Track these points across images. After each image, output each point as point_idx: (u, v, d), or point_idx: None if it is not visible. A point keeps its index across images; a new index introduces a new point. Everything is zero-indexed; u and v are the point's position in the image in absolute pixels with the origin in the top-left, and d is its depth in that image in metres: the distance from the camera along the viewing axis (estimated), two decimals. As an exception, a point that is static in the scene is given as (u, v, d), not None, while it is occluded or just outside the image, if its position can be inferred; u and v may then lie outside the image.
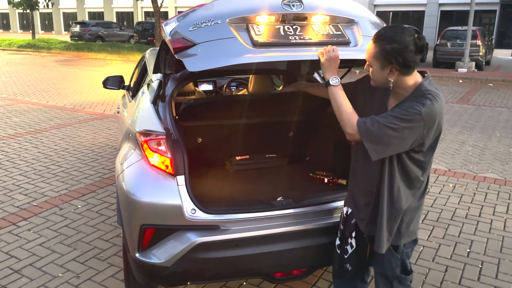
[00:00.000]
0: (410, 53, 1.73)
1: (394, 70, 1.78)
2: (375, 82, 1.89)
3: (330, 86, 1.96)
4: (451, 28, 17.25)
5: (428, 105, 1.75)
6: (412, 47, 1.73)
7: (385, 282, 2.10)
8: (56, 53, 21.82)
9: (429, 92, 1.79)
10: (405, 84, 1.83)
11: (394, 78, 1.80)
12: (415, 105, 1.76)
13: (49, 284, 2.94)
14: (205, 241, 2.25)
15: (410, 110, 1.76)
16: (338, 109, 1.93)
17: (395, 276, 2.05)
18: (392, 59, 1.75)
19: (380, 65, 1.79)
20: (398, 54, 1.73)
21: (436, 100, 1.78)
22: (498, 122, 7.92)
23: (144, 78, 3.64)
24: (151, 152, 2.38)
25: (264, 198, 2.56)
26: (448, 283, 3.02)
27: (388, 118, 1.78)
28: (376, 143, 1.81)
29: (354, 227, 2.13)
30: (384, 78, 1.82)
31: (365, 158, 1.90)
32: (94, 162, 5.41)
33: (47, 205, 4.16)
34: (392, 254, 2.01)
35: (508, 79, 13.23)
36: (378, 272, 2.12)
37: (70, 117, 7.96)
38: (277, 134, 3.42)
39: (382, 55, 1.76)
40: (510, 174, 5.22)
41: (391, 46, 1.74)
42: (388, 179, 1.91)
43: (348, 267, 2.17)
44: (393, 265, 2.03)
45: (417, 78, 1.84)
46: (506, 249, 3.48)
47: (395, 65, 1.76)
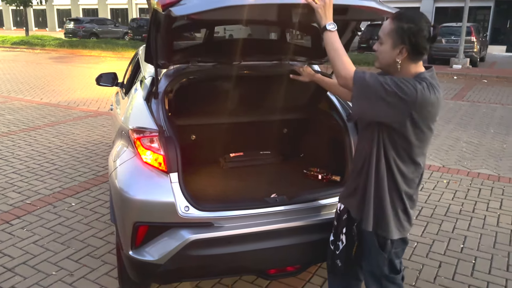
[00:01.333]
0: (423, 38, 1.77)
1: (404, 51, 1.79)
2: (381, 63, 1.89)
3: (327, 32, 1.94)
4: (446, 25, 17.29)
5: (426, 89, 1.76)
6: (426, 33, 1.77)
7: (373, 279, 2.09)
8: (50, 50, 21.69)
9: (429, 80, 1.80)
10: (407, 72, 1.84)
11: (401, 60, 1.81)
12: (415, 82, 1.77)
13: (43, 282, 2.93)
14: (199, 238, 2.24)
15: (409, 82, 1.76)
16: (334, 53, 1.92)
17: (382, 275, 2.04)
18: (406, 38, 1.77)
19: (392, 43, 1.80)
20: (413, 35, 1.76)
21: (433, 90, 1.78)
22: (493, 119, 7.95)
23: (137, 75, 3.62)
24: (144, 149, 2.37)
25: (258, 195, 2.56)
26: (441, 278, 3.03)
27: (386, 79, 1.78)
28: (364, 96, 1.82)
29: (345, 223, 2.13)
30: (392, 58, 1.82)
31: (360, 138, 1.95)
32: (88, 159, 5.39)
33: (41, 203, 4.14)
34: (379, 253, 2.00)
35: (502, 75, 13.28)
36: (366, 270, 2.12)
37: (64, 114, 7.92)
38: (271, 131, 3.42)
39: (398, 32, 1.78)
40: (503, 170, 5.24)
41: (408, 26, 1.76)
42: (376, 157, 1.91)
43: (339, 263, 2.17)
44: (380, 264, 2.02)
45: (419, 70, 1.85)
46: (499, 244, 3.50)
47: (407, 46, 1.78)
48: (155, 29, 2.44)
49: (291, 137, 3.53)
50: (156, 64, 2.63)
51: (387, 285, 2.06)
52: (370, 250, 2.03)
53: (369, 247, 2.03)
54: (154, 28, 2.44)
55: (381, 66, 1.91)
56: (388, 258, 2.00)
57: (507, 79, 12.97)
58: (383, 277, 2.04)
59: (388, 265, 2.02)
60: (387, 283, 2.06)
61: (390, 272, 2.03)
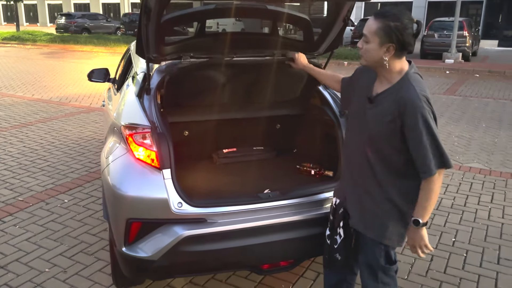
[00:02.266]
0: (409, 35, 1.80)
1: (391, 49, 1.82)
2: (368, 61, 1.90)
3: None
4: (438, 19, 17.33)
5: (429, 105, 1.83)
6: (411, 30, 1.80)
7: (369, 271, 2.11)
8: (41, 46, 21.49)
9: (425, 93, 1.84)
10: (393, 68, 1.87)
11: (389, 58, 1.83)
12: (427, 107, 1.82)
13: (36, 279, 2.92)
14: (192, 234, 2.25)
15: (431, 110, 1.83)
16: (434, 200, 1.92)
17: (379, 266, 2.07)
18: (393, 36, 1.79)
19: (379, 41, 1.82)
20: (399, 33, 1.78)
21: (429, 103, 1.84)
22: (484, 113, 8.01)
23: (129, 70, 3.60)
24: (136, 145, 2.37)
25: (251, 191, 2.57)
26: (433, 272, 3.06)
27: (428, 121, 1.82)
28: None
29: (342, 216, 2.15)
30: (379, 56, 1.84)
31: (357, 147, 1.99)
32: (80, 156, 5.37)
33: (33, 199, 4.12)
34: (376, 244, 2.03)
35: (494, 70, 13.37)
36: (363, 262, 2.14)
37: (56, 110, 7.87)
38: (264, 127, 3.42)
39: (385, 31, 1.79)
40: (495, 164, 5.29)
41: (395, 24, 1.78)
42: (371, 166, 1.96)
43: (338, 256, 2.20)
44: (377, 255, 2.05)
45: (403, 66, 1.89)
46: (490, 238, 3.54)
47: (395, 44, 1.80)
48: (146, 17, 2.37)
49: (284, 132, 3.53)
50: (147, 58, 2.61)
51: (383, 277, 2.09)
52: (367, 242, 2.06)
53: (366, 239, 2.06)
54: (145, 16, 2.37)
55: (368, 63, 1.93)
56: (384, 249, 2.04)
57: (499, 74, 13.06)
58: (379, 269, 2.07)
59: (385, 256, 2.05)
60: (382, 275, 2.09)
61: (386, 262, 2.06)
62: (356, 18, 23.40)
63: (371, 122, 1.94)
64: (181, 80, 2.82)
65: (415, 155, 1.84)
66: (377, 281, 2.10)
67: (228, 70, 2.88)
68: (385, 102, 1.89)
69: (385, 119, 1.87)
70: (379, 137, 1.91)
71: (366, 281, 2.15)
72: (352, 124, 2.10)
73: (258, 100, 3.23)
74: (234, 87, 3.05)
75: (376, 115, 1.91)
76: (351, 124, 2.12)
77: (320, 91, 3.14)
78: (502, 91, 10.29)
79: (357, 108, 2.04)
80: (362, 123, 1.99)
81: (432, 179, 1.83)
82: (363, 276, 2.16)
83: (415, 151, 1.83)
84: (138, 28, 2.46)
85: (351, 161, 2.09)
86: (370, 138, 1.95)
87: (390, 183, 1.94)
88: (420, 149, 1.81)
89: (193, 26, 3.18)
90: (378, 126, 1.90)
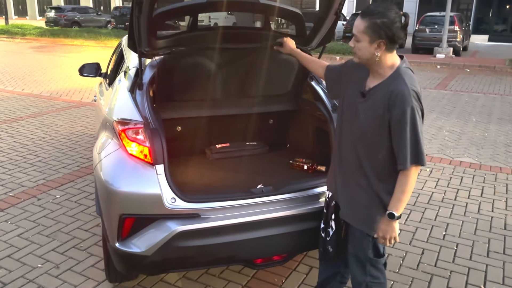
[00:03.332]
0: (398, 28, 1.82)
1: (382, 45, 1.85)
2: (360, 58, 1.93)
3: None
4: (429, 14, 17.39)
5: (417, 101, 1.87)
6: (399, 23, 1.83)
7: (357, 264, 2.15)
8: (31, 39, 21.23)
9: (416, 89, 1.87)
10: (385, 63, 1.90)
11: (380, 53, 1.86)
12: (415, 104, 1.85)
13: (28, 275, 2.91)
14: (186, 229, 2.25)
15: (419, 108, 1.88)
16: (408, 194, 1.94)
17: (367, 258, 2.10)
18: (382, 33, 1.82)
19: (369, 39, 1.85)
20: (388, 28, 1.81)
21: (419, 99, 1.88)
22: (475, 108, 8.08)
23: (121, 65, 3.58)
24: (129, 141, 2.36)
25: (244, 186, 2.57)
26: (424, 265, 3.10)
27: (415, 119, 1.87)
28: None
29: (334, 209, 2.19)
30: (371, 53, 1.87)
31: (347, 141, 2.02)
32: (72, 151, 5.33)
33: (25, 195, 4.09)
34: (364, 236, 2.06)
35: (484, 64, 13.47)
36: (351, 253, 2.17)
37: (46, 105, 7.80)
38: (257, 122, 3.42)
39: (373, 29, 1.83)
40: (485, 158, 5.35)
41: (382, 21, 1.81)
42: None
43: (330, 249, 2.24)
44: (365, 247, 2.08)
45: (395, 60, 1.92)
46: (480, 231, 3.59)
47: (384, 39, 1.83)
48: (138, 9, 2.33)
49: (277, 128, 3.54)
50: (140, 52, 2.59)
51: (371, 270, 2.12)
52: (355, 234, 2.09)
53: (355, 231, 2.09)
54: (137, 9, 2.33)
55: (361, 61, 1.96)
56: (372, 241, 2.06)
57: (489, 68, 13.16)
58: (367, 261, 2.10)
59: (373, 248, 2.08)
60: (370, 268, 2.12)
61: (374, 255, 2.09)
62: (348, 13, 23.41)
63: (362, 116, 1.96)
64: (173, 73, 2.81)
65: (395, 147, 1.89)
66: (365, 273, 2.14)
67: (220, 60, 2.87)
68: (376, 96, 1.92)
69: (376, 113, 1.90)
70: (369, 131, 1.94)
71: (354, 273, 2.19)
72: (343, 119, 2.12)
73: (250, 94, 3.22)
74: (226, 80, 3.04)
75: (368, 109, 1.94)
76: (342, 119, 2.14)
77: (313, 86, 3.15)
78: (492, 86, 10.38)
79: (349, 103, 2.06)
80: (353, 118, 2.01)
81: (407, 173, 1.88)
82: (351, 268, 2.20)
83: (396, 142, 1.88)
84: (129, 21, 2.43)
85: (342, 154, 2.11)
86: (361, 132, 1.97)
87: (378, 176, 1.97)
88: (401, 141, 1.85)
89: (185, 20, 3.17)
90: (369, 120, 1.93)
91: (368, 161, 1.97)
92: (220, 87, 3.06)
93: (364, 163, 1.98)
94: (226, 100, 3.21)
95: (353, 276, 2.21)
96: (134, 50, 2.61)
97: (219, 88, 3.06)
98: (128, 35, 2.61)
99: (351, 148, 2.03)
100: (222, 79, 3.00)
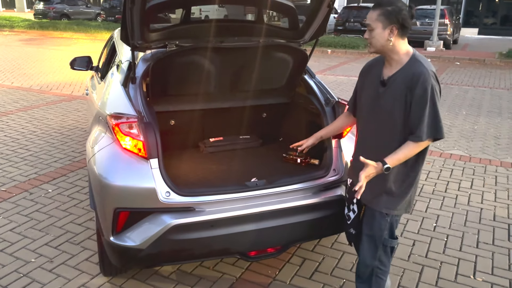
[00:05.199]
0: (405, 15, 2.02)
1: (394, 30, 2.02)
2: (375, 46, 2.08)
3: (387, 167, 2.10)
4: (420, 7, 17.43)
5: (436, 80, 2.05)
6: (406, 11, 2.02)
7: (370, 245, 2.26)
8: (19, 32, 20.95)
9: (432, 70, 2.03)
10: (400, 49, 2.06)
11: (393, 38, 2.02)
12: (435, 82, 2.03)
13: (22, 269, 2.91)
14: (180, 223, 2.27)
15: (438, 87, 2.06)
16: (408, 156, 2.12)
17: (381, 239, 2.22)
18: (393, 18, 2.00)
19: (382, 25, 2.03)
20: (398, 14, 2.00)
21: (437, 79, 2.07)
22: (465, 100, 8.16)
23: (113, 58, 3.56)
24: (123, 135, 2.36)
25: (238, 179, 2.59)
26: (415, 256, 3.15)
27: (434, 94, 2.05)
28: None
29: (354, 193, 2.26)
30: (384, 38, 2.04)
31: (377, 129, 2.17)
32: (63, 145, 5.30)
33: (16, 189, 4.07)
34: (383, 216, 2.18)
35: (474, 57, 13.57)
36: (366, 235, 2.27)
37: (37, 98, 7.73)
38: (250, 116, 3.43)
39: (385, 15, 2.01)
40: (474, 150, 5.42)
41: (392, 8, 2.01)
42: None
43: (352, 231, 2.37)
44: (382, 227, 2.20)
45: (409, 48, 2.10)
46: (469, 222, 3.65)
47: (396, 24, 2.00)
48: (131, 0, 2.31)
49: (270, 121, 3.55)
50: (132, 45, 2.58)
51: (381, 255, 2.26)
52: (374, 214, 2.21)
53: (374, 212, 2.21)
54: (130, 0, 2.31)
55: (376, 49, 2.10)
56: (390, 221, 2.19)
57: (479, 61, 13.27)
58: (380, 243, 2.23)
59: (389, 229, 2.21)
60: (381, 253, 2.25)
61: (389, 235, 2.22)
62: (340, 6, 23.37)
63: (386, 102, 2.10)
64: (166, 68, 2.80)
65: (413, 120, 2.03)
66: (375, 257, 2.26)
67: (214, 57, 2.87)
68: (397, 81, 2.06)
69: (399, 96, 2.04)
70: (394, 114, 2.07)
71: (365, 257, 2.30)
72: (365, 114, 2.25)
73: (244, 88, 3.23)
74: (220, 74, 3.04)
75: (391, 95, 2.08)
76: (363, 115, 2.27)
77: (306, 80, 3.16)
78: (482, 79, 10.47)
79: (370, 97, 2.19)
80: (376, 107, 2.15)
81: (419, 144, 2.05)
82: (363, 252, 2.30)
83: (415, 119, 2.02)
84: (122, 13, 2.42)
85: (366, 143, 2.24)
86: (386, 117, 2.10)
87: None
88: (420, 117, 2.00)
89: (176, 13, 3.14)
90: (393, 104, 2.07)
91: (390, 143, 2.10)
92: (214, 81, 3.06)
93: (387, 146, 2.11)
94: (220, 94, 3.21)
95: (362, 260, 2.33)
96: (126, 43, 2.59)
97: (212, 82, 3.06)
98: (120, 27, 2.59)
99: (376, 134, 2.18)
100: (216, 72, 3.00)
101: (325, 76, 10.45)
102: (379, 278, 2.32)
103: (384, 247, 2.25)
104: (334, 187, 2.63)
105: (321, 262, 3.05)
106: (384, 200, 2.18)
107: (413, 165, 2.15)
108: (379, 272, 2.30)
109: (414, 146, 2.05)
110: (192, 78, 2.96)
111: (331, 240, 3.31)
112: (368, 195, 2.20)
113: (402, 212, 2.22)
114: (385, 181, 2.14)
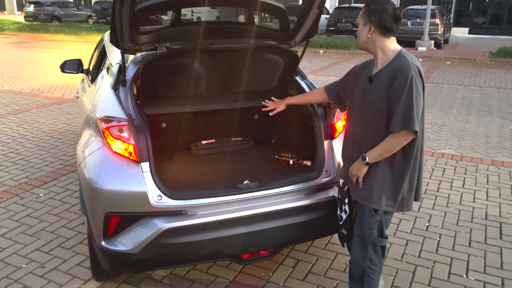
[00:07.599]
0: (387, 16, 2.06)
1: (372, 28, 2.09)
2: (359, 43, 2.19)
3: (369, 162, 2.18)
4: (411, 7, 17.52)
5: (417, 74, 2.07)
6: (390, 12, 2.06)
7: (360, 245, 2.27)
8: (9, 35, 20.78)
9: (416, 67, 2.06)
10: (384, 47, 2.12)
11: (371, 36, 2.10)
12: (415, 77, 2.04)
13: (13, 275, 2.88)
14: (172, 227, 2.26)
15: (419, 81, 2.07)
16: (389, 152, 2.15)
17: (370, 238, 2.23)
18: (372, 17, 2.08)
19: (363, 22, 2.13)
20: (377, 13, 2.07)
21: (421, 76, 2.09)
22: (455, 99, 8.21)
23: (104, 61, 3.53)
24: (113, 139, 2.34)
25: (230, 182, 2.58)
26: (408, 256, 3.16)
27: (415, 88, 2.07)
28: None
29: (346, 194, 2.35)
30: (365, 35, 2.13)
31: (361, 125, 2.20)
32: (54, 148, 5.26)
33: (7, 194, 4.03)
34: (372, 215, 2.20)
35: (465, 57, 13.66)
36: (357, 235, 2.29)
37: (27, 102, 7.66)
38: (242, 118, 3.42)
39: (366, 12, 2.11)
40: (466, 149, 5.45)
41: (374, 6, 2.09)
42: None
43: (344, 232, 2.40)
44: (371, 226, 2.21)
45: (396, 46, 2.15)
46: (462, 221, 3.66)
47: (373, 23, 2.08)
48: (120, 2, 2.30)
49: (262, 123, 3.54)
50: (122, 47, 2.56)
51: (372, 254, 2.27)
52: (364, 212, 2.22)
53: (363, 209, 2.22)
54: (119, 2, 2.30)
55: (361, 46, 2.20)
56: (379, 220, 2.20)
57: (469, 61, 13.36)
58: (370, 242, 2.24)
59: (378, 228, 2.22)
60: (372, 253, 2.26)
61: (378, 235, 2.23)
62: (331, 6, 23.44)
63: (372, 97, 2.12)
64: (157, 70, 2.79)
65: (391, 111, 2.06)
66: (365, 257, 2.27)
67: (205, 59, 2.86)
68: (382, 76, 2.09)
69: (383, 90, 2.07)
70: (379, 108, 2.10)
71: (356, 257, 2.32)
72: (353, 109, 2.28)
73: (236, 90, 3.22)
74: (211, 76, 3.03)
75: (375, 89, 2.11)
76: (352, 110, 2.30)
77: (297, 82, 3.16)
78: (472, 78, 10.55)
79: (359, 93, 2.22)
80: (364, 102, 2.18)
81: (396, 135, 2.06)
82: (354, 252, 2.32)
83: (393, 108, 2.05)
84: (112, 15, 2.40)
85: (355, 139, 2.26)
86: (372, 111, 2.13)
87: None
88: (396, 106, 2.03)
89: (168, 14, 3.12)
90: (377, 98, 2.10)
91: (379, 138, 2.11)
92: (205, 83, 3.04)
93: (375, 141, 2.13)
94: (211, 96, 3.20)
95: (353, 260, 2.35)
96: (116, 45, 2.57)
97: (203, 84, 3.05)
98: (110, 30, 2.57)
99: (364, 129, 2.20)
100: (207, 75, 2.99)
101: (317, 76, 10.47)
102: (371, 278, 2.32)
103: (374, 246, 2.26)
104: (327, 188, 2.63)
105: (314, 264, 3.05)
106: (373, 195, 2.18)
107: (402, 162, 2.14)
108: (370, 272, 2.31)
109: (391, 139, 2.07)
110: (183, 80, 2.95)
111: (324, 241, 3.31)
112: (357, 191, 2.23)
113: (394, 210, 2.22)
114: (374, 176, 2.16)
